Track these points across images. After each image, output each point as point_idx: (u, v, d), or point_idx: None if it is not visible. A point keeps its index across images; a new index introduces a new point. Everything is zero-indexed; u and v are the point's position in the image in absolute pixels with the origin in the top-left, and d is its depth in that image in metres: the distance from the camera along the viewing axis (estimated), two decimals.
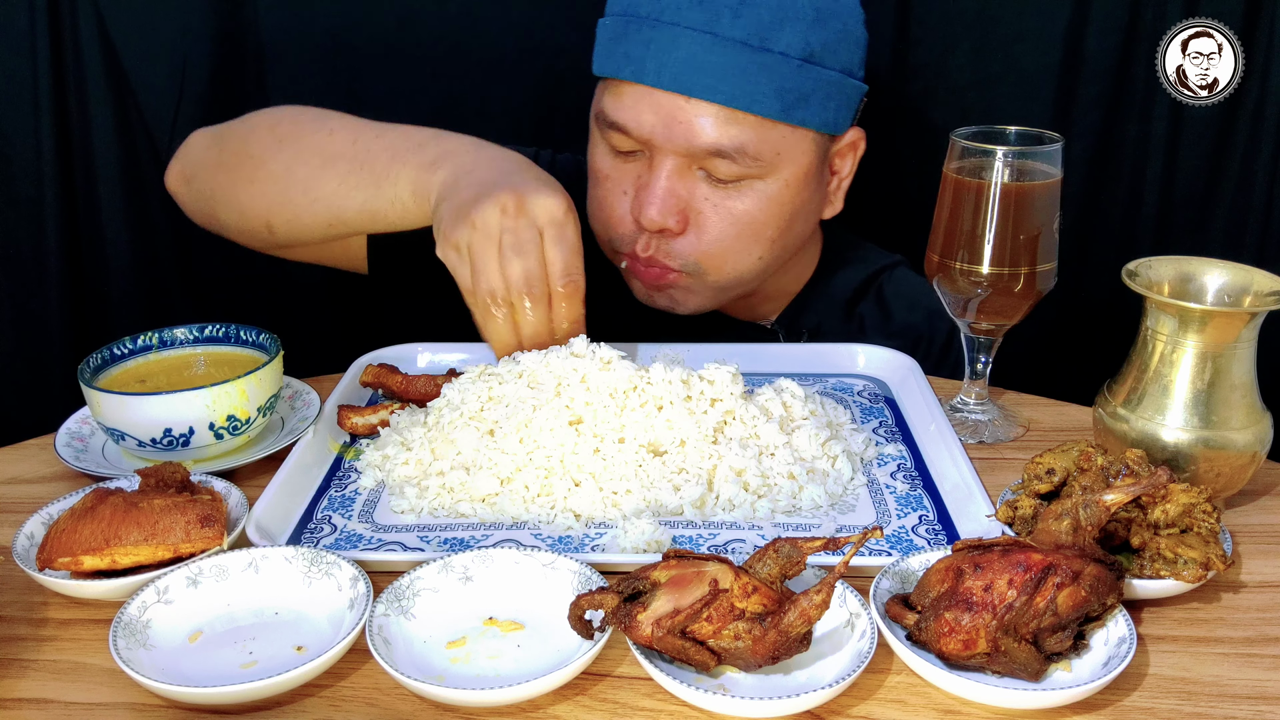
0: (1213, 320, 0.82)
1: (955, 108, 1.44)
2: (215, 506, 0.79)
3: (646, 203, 1.09)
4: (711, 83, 1.04)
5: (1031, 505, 0.80)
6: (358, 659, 0.71)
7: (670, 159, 1.08)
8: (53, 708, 0.68)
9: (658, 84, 1.05)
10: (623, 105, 1.08)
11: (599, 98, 1.13)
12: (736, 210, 1.10)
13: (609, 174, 1.14)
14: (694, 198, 1.10)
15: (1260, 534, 0.85)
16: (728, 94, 1.04)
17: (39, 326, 1.45)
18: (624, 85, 1.08)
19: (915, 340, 1.26)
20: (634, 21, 1.07)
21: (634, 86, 1.07)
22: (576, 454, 0.88)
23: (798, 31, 1.05)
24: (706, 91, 1.04)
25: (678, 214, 1.10)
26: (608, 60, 1.10)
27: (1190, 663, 0.71)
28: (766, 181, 1.10)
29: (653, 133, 1.07)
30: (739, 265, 1.14)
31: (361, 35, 1.44)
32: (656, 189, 1.08)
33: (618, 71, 1.08)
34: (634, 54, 1.06)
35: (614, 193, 1.14)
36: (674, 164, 1.08)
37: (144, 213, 1.46)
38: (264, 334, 1.01)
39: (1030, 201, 0.94)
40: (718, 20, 1.04)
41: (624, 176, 1.13)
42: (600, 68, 1.12)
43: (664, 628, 0.66)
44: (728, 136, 1.06)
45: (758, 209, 1.11)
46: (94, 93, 1.39)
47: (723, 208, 1.10)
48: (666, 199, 1.08)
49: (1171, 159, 1.41)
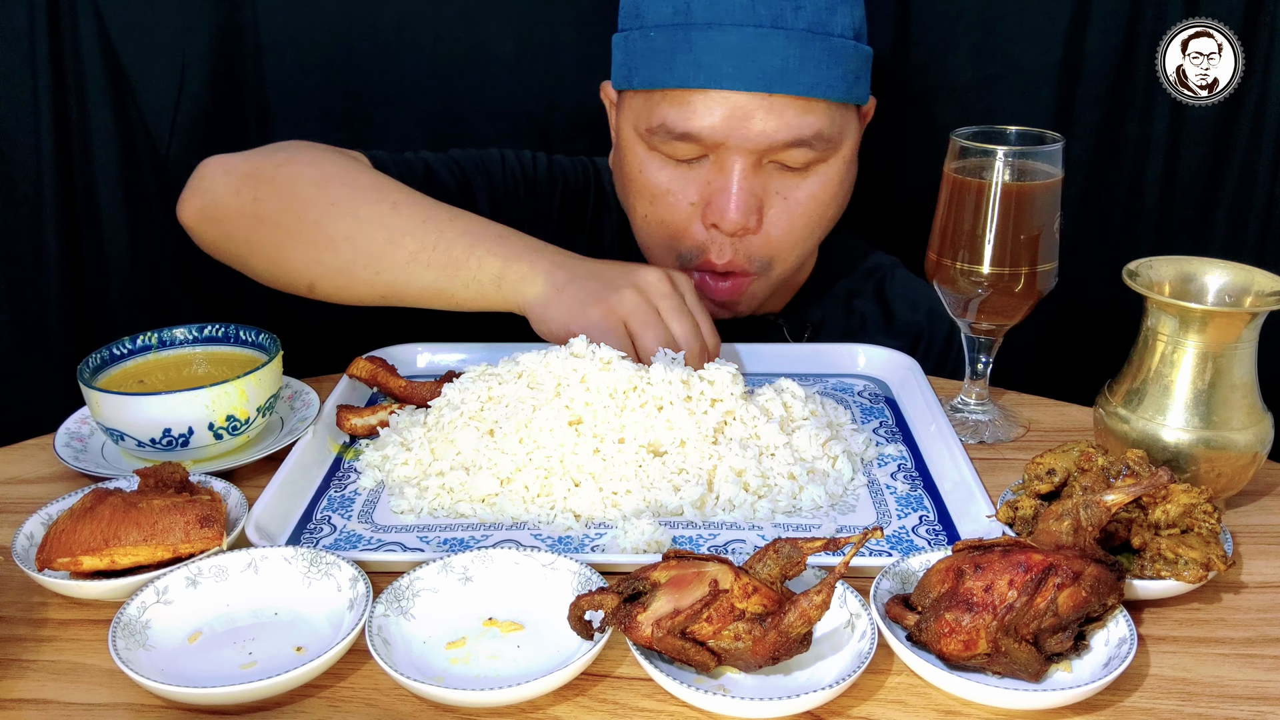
0: (1213, 320, 0.82)
1: (955, 108, 1.43)
2: (214, 507, 0.79)
3: (727, 206, 1.08)
4: (792, 76, 1.04)
5: (1032, 505, 0.80)
6: (357, 659, 0.71)
7: (742, 158, 1.08)
8: (52, 708, 0.68)
9: (737, 86, 1.05)
10: (694, 114, 1.07)
11: (647, 113, 1.10)
12: (804, 197, 1.12)
13: (669, 188, 1.12)
14: (766, 192, 1.11)
15: (1261, 534, 0.85)
16: (808, 84, 1.05)
17: (38, 326, 1.45)
18: (690, 93, 1.06)
19: (916, 340, 1.26)
20: (693, 29, 1.06)
21: (705, 94, 1.06)
22: (576, 454, 0.88)
23: (846, 12, 1.08)
24: (789, 85, 1.05)
25: (756, 212, 1.10)
26: (666, 72, 1.07)
27: (1191, 663, 0.71)
28: (830, 163, 1.12)
29: (729, 135, 1.06)
30: (801, 253, 1.16)
31: (361, 35, 1.44)
32: (733, 191, 1.08)
33: (687, 81, 1.06)
34: (704, 60, 1.05)
35: (679, 205, 1.12)
36: (746, 162, 1.08)
37: (144, 213, 1.46)
38: (263, 334, 1.01)
39: (1030, 201, 0.94)
40: (783, 15, 1.04)
41: (689, 186, 1.12)
42: (650, 81, 1.09)
43: (664, 628, 0.66)
44: (808, 126, 1.07)
45: (822, 190, 1.12)
46: (93, 92, 1.39)
47: (792, 198, 1.11)
48: (747, 199, 1.08)
49: (1171, 159, 1.41)
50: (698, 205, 1.11)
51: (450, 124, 1.48)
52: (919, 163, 1.43)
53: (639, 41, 1.10)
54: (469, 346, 1.15)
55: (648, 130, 1.11)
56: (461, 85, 1.47)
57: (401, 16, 1.43)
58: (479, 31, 1.45)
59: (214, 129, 1.44)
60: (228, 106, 1.44)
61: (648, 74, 1.09)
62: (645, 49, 1.09)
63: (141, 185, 1.45)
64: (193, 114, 1.42)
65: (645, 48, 1.09)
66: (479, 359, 1.10)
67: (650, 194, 1.14)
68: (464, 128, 1.48)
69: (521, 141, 1.49)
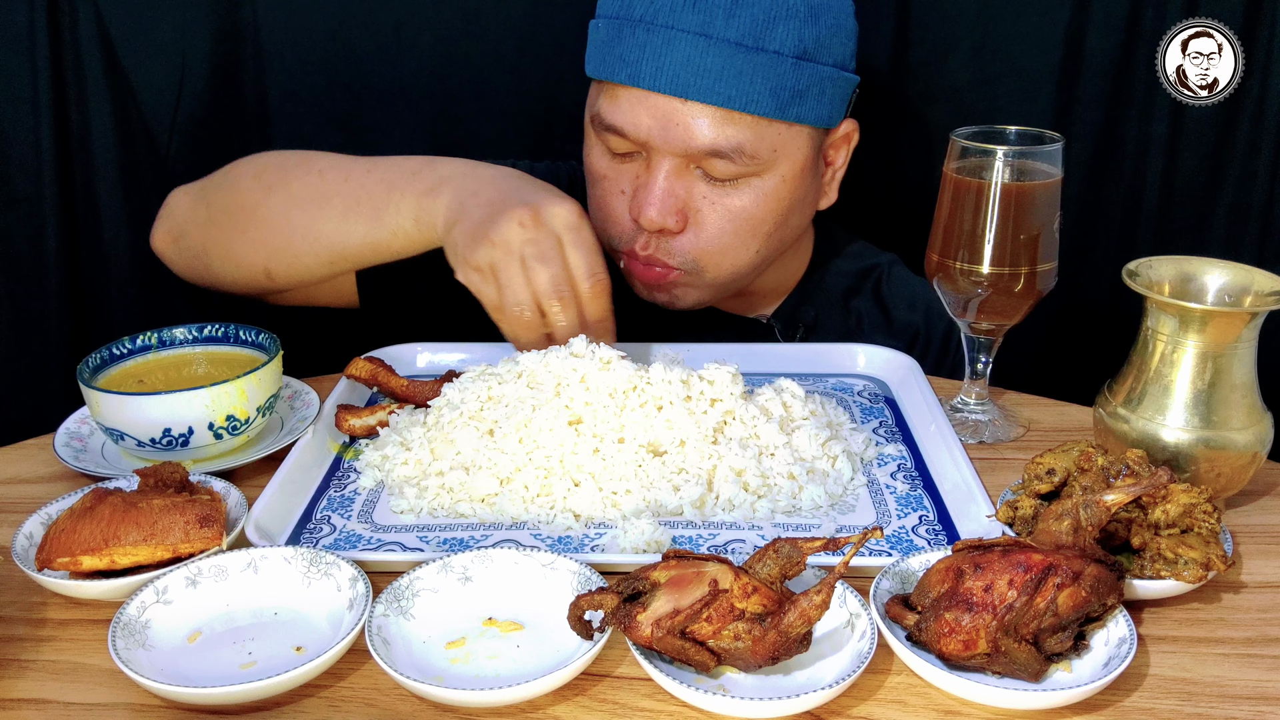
0: (1213, 320, 0.82)
1: (955, 108, 1.43)
2: (214, 506, 0.79)
3: (645, 203, 1.09)
4: (708, 85, 1.04)
5: (1032, 505, 0.80)
6: (357, 659, 0.71)
7: (668, 159, 1.08)
8: (52, 708, 0.68)
9: (654, 87, 1.05)
10: (619, 108, 1.08)
11: (593, 100, 1.14)
12: (734, 208, 1.11)
13: (606, 174, 1.14)
14: (692, 197, 1.10)
15: (1260, 534, 0.85)
16: (724, 95, 1.04)
17: (38, 326, 1.45)
18: (620, 88, 1.08)
19: (914, 339, 1.26)
20: (627, 24, 1.07)
21: (630, 90, 1.07)
22: (576, 454, 0.88)
23: (791, 29, 1.05)
24: (703, 94, 1.04)
25: (676, 213, 1.10)
26: (602, 63, 1.10)
27: (1190, 663, 0.71)
28: (764, 178, 1.10)
29: (650, 135, 1.07)
30: (737, 261, 1.15)
31: (361, 34, 1.44)
32: (655, 189, 1.09)
33: (613, 75, 1.08)
34: (629, 57, 1.06)
35: (611, 193, 1.14)
36: (671, 164, 1.08)
37: (143, 212, 1.45)
38: (263, 334, 1.01)
39: (1030, 201, 0.94)
40: (711, 22, 1.04)
41: (621, 177, 1.13)
42: (594, 70, 1.12)
43: (664, 628, 0.66)
44: (725, 137, 1.06)
45: (755, 206, 1.11)
46: (93, 92, 1.39)
47: (720, 206, 1.10)
48: (665, 199, 1.09)
49: (1171, 159, 1.40)
50: (627, 196, 1.13)
51: (450, 124, 1.48)
52: (919, 163, 1.43)
53: (594, 29, 1.12)
54: (469, 346, 1.15)
55: (590, 117, 1.14)
56: (461, 85, 1.47)
57: (401, 16, 1.44)
58: (479, 31, 1.45)
59: (214, 129, 1.44)
60: (228, 106, 1.44)
61: (593, 62, 1.12)
62: (595, 38, 1.12)
63: (141, 185, 1.45)
64: (193, 114, 1.43)
65: (595, 36, 1.12)
66: (479, 359, 1.10)
67: (593, 177, 1.16)
68: (464, 128, 1.48)
69: (522, 142, 1.49)
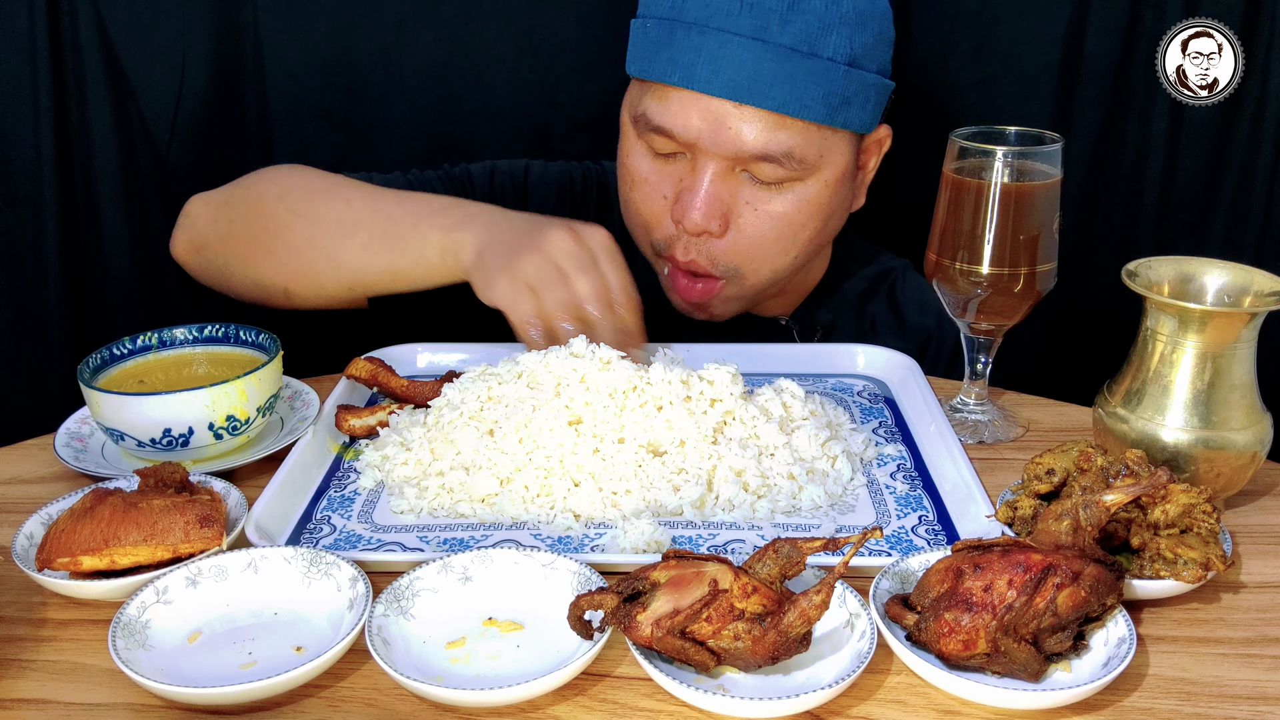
0: (1213, 320, 0.82)
1: (955, 108, 1.43)
2: (214, 507, 0.79)
3: (690, 206, 1.09)
4: (762, 89, 1.04)
5: (1031, 505, 0.80)
6: (357, 659, 0.71)
7: (714, 162, 1.08)
8: (52, 708, 0.68)
9: (708, 90, 1.05)
10: (669, 110, 1.08)
11: (637, 100, 1.13)
12: (776, 212, 1.11)
13: (647, 177, 1.14)
14: (736, 200, 1.10)
15: (1260, 534, 0.85)
16: (778, 100, 1.04)
17: (38, 326, 1.45)
18: (670, 90, 1.08)
19: (925, 343, 1.26)
20: (680, 26, 1.06)
21: (681, 92, 1.07)
22: (576, 454, 0.88)
23: (843, 36, 1.06)
24: (757, 98, 1.04)
25: (720, 217, 1.10)
26: (651, 64, 1.09)
27: (1190, 663, 0.71)
28: (807, 183, 1.11)
29: (699, 137, 1.07)
30: (776, 266, 1.15)
31: (361, 35, 1.44)
32: (700, 192, 1.08)
33: (665, 76, 1.07)
34: (682, 60, 1.06)
35: (653, 196, 1.14)
36: (718, 167, 1.08)
37: (143, 212, 1.46)
38: (263, 334, 1.01)
39: (1030, 201, 0.94)
40: (767, 27, 1.04)
41: (664, 179, 1.13)
42: (642, 70, 1.11)
43: (664, 628, 0.66)
44: (776, 141, 1.06)
45: (796, 210, 1.11)
46: (93, 92, 1.39)
47: (763, 210, 1.11)
48: (711, 203, 1.09)
49: (1171, 159, 1.41)
50: (669, 199, 1.12)
51: (450, 124, 1.49)
52: (918, 163, 1.43)
53: (640, 29, 1.12)
54: (469, 346, 1.15)
55: (634, 118, 1.13)
56: (461, 85, 1.47)
57: (401, 16, 1.44)
58: (479, 31, 1.45)
59: (214, 129, 1.44)
60: (228, 106, 1.44)
61: (640, 63, 1.11)
62: (642, 38, 1.11)
63: (141, 185, 1.45)
64: (193, 114, 1.43)
65: (643, 37, 1.11)
66: (479, 359, 1.10)
67: (631, 179, 1.16)
68: (464, 128, 1.48)
69: (522, 142, 1.49)
